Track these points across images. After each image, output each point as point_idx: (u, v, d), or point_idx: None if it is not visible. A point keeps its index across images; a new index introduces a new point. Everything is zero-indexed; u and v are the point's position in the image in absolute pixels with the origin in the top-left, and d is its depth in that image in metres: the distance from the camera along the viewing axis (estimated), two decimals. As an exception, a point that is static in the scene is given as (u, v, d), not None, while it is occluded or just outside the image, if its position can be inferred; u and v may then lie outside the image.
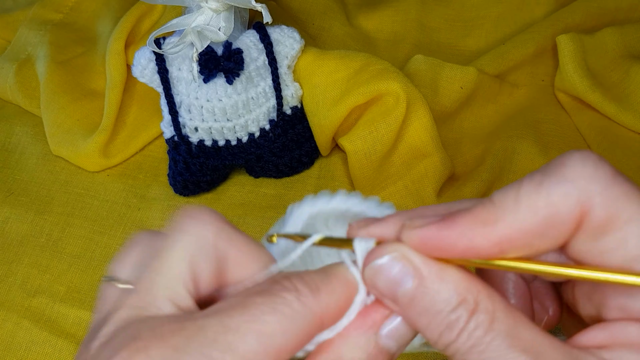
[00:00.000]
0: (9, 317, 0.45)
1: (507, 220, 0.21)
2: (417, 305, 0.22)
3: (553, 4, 0.58)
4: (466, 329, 0.21)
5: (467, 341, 0.21)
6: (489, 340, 0.21)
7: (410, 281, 0.22)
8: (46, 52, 0.56)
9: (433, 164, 0.46)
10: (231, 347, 0.20)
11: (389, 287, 0.22)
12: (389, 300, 0.23)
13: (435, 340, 0.22)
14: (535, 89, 0.54)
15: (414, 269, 0.22)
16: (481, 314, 0.21)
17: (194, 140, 0.47)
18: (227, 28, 0.42)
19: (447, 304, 0.21)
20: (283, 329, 0.20)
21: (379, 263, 0.22)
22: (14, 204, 0.51)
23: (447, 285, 0.22)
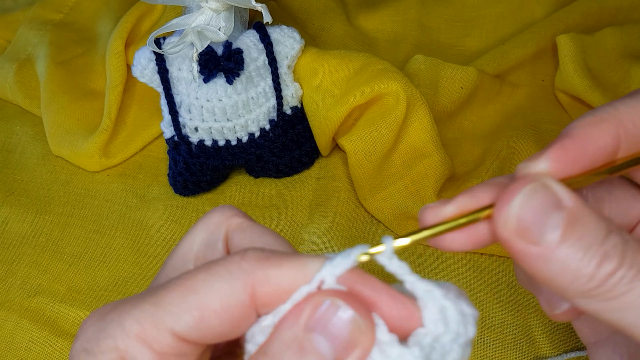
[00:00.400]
0: (9, 317, 0.45)
1: (614, 113, 0.21)
2: (571, 237, 0.20)
3: (553, 3, 0.58)
4: (626, 255, 0.20)
5: (631, 267, 0.20)
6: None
7: (559, 211, 0.20)
8: (46, 52, 0.56)
9: (433, 164, 0.46)
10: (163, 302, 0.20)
11: (533, 223, 0.20)
12: (528, 242, 0.21)
13: (590, 276, 0.20)
14: (535, 89, 0.54)
15: (557, 200, 0.21)
16: (632, 242, 0.20)
17: (194, 140, 0.47)
18: (227, 28, 0.42)
19: (599, 233, 0.20)
20: (214, 290, 0.20)
21: (519, 198, 0.21)
22: (14, 204, 0.51)
23: (591, 214, 0.21)
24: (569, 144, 0.21)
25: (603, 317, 0.21)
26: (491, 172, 0.48)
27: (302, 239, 0.47)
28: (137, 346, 0.20)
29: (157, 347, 0.21)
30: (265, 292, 0.21)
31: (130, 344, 0.20)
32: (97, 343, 0.21)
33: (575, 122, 0.22)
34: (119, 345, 0.20)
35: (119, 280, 0.46)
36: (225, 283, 0.20)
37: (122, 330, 0.20)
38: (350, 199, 0.49)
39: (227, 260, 0.21)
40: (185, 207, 0.50)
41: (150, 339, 0.20)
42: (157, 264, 0.47)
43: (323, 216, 0.48)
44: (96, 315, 0.22)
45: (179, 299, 0.21)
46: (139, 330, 0.20)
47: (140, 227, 0.49)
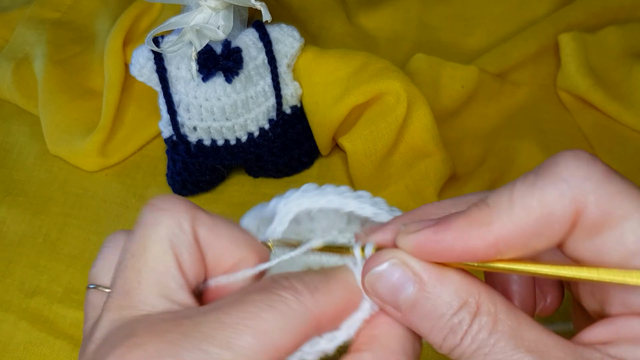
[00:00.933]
0: (7, 317, 0.45)
1: (502, 221, 0.21)
2: (419, 310, 0.22)
3: (555, 2, 0.58)
4: (469, 332, 0.21)
5: (471, 344, 0.21)
6: (493, 342, 0.21)
7: (411, 287, 0.22)
8: (44, 51, 0.56)
9: (434, 163, 0.46)
10: (229, 343, 0.19)
11: (390, 294, 0.22)
12: (391, 308, 0.23)
13: (440, 345, 0.22)
14: (537, 88, 0.54)
15: (414, 274, 0.22)
16: (484, 316, 0.21)
17: (193, 140, 0.47)
18: (226, 26, 0.42)
19: (449, 308, 0.21)
20: (280, 326, 0.20)
21: (379, 270, 0.22)
22: (12, 204, 0.51)
23: (448, 288, 0.22)
24: (443, 233, 0.22)
25: None
26: (492, 171, 0.48)
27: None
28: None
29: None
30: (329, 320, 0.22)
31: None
32: None
33: (461, 215, 0.22)
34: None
35: (117, 280, 0.46)
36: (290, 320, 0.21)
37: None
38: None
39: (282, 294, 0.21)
40: (184, 207, 0.50)
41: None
42: (155, 265, 0.47)
43: (323, 216, 0.47)
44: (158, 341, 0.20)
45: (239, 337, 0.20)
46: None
47: (138, 227, 0.49)
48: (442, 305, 0.21)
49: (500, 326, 0.21)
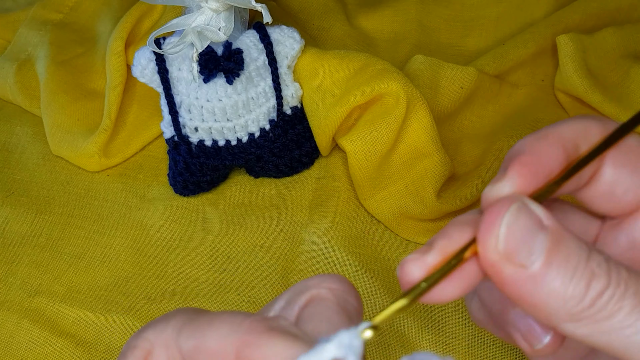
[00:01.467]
0: (9, 317, 0.45)
1: (552, 131, 0.22)
2: (557, 256, 0.20)
3: (553, 4, 0.58)
4: (612, 272, 0.19)
5: (618, 285, 0.19)
6: (635, 280, 0.19)
7: (542, 232, 0.20)
8: (46, 52, 0.56)
9: (433, 164, 0.46)
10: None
11: (524, 240, 0.20)
12: (516, 268, 0.20)
13: (581, 297, 0.19)
14: (535, 89, 0.54)
15: (539, 219, 0.20)
16: (610, 259, 0.20)
17: (194, 140, 0.47)
18: (227, 28, 0.42)
19: (581, 251, 0.20)
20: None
21: (513, 211, 0.20)
22: (14, 204, 0.51)
23: (570, 234, 0.20)
24: (526, 159, 0.21)
25: (592, 341, 0.20)
26: (491, 172, 0.48)
27: (302, 239, 0.47)
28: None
29: None
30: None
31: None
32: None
33: (522, 140, 0.22)
34: None
35: (119, 280, 0.46)
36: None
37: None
38: (350, 199, 0.49)
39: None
40: (185, 207, 0.50)
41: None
42: (157, 264, 0.47)
43: (323, 216, 0.48)
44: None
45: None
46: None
47: (140, 227, 0.49)
48: (575, 251, 0.20)
49: (632, 271, 0.20)
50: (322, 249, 0.46)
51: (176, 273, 0.47)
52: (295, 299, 0.21)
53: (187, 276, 0.46)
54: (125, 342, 0.25)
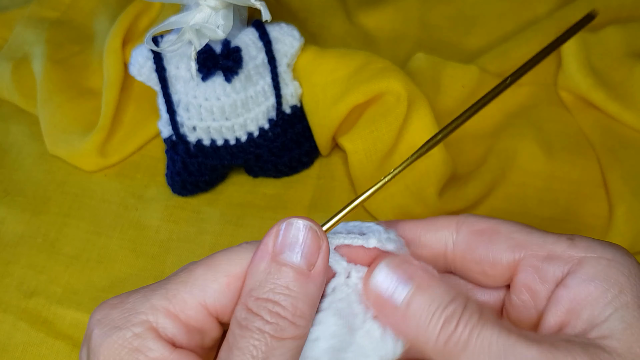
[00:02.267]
0: (6, 318, 0.45)
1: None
2: (416, 307, 0.25)
3: (556, 1, 0.58)
4: (463, 317, 0.24)
5: (465, 328, 0.23)
6: (483, 323, 0.24)
7: (410, 285, 0.25)
8: (43, 51, 0.56)
9: (434, 163, 0.46)
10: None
11: (391, 293, 0.25)
12: (388, 311, 0.25)
13: (435, 339, 0.24)
14: (537, 88, 0.54)
15: (409, 275, 0.25)
16: (472, 304, 0.24)
17: (192, 140, 0.47)
18: (225, 26, 0.42)
19: (442, 300, 0.24)
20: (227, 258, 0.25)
21: (377, 276, 0.26)
22: (10, 204, 0.51)
23: (439, 286, 0.25)
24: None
25: None
26: (493, 171, 0.48)
27: (301, 240, 0.47)
28: (166, 319, 0.23)
29: (185, 319, 0.24)
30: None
31: (160, 317, 0.23)
32: (126, 319, 0.23)
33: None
34: (149, 318, 0.23)
35: (116, 281, 0.46)
36: (243, 254, 0.25)
37: (150, 306, 0.23)
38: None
39: (237, 245, 0.26)
40: (183, 207, 0.50)
41: (179, 312, 0.24)
42: (155, 265, 0.47)
43: (323, 216, 0.47)
44: (113, 301, 0.25)
45: (203, 274, 0.24)
46: (167, 305, 0.23)
47: (137, 227, 0.49)
48: (436, 299, 0.24)
49: (486, 313, 0.24)
50: (322, 249, 0.46)
51: (174, 274, 0.46)
52: None
53: (185, 277, 0.46)
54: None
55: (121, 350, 0.23)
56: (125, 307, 0.24)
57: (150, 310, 0.23)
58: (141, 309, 0.23)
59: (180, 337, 0.24)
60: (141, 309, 0.23)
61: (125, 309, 0.24)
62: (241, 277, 0.24)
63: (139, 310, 0.23)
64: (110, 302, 0.25)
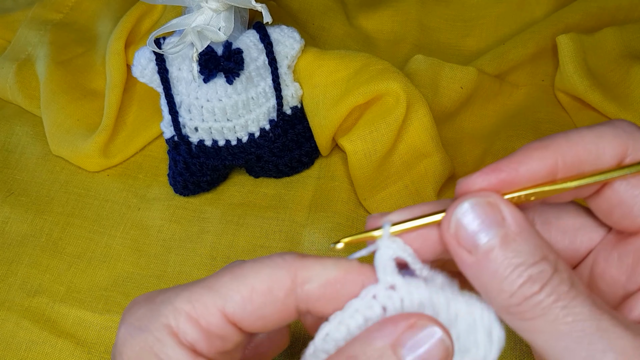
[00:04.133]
0: (9, 317, 0.45)
1: (562, 146, 0.23)
2: (499, 254, 0.22)
3: (553, 3, 0.58)
4: (550, 283, 0.21)
5: (549, 295, 0.21)
6: (573, 296, 0.21)
7: (497, 229, 0.22)
8: (46, 52, 0.56)
9: (433, 164, 0.46)
10: (215, 288, 0.24)
11: (471, 234, 0.22)
12: (465, 249, 0.22)
13: (512, 293, 0.21)
14: (535, 89, 0.54)
15: (500, 217, 0.22)
16: (563, 272, 0.22)
17: (194, 140, 0.47)
18: (227, 28, 0.42)
19: (531, 256, 0.21)
20: (262, 277, 0.23)
21: (464, 208, 0.22)
22: (14, 204, 0.51)
23: (530, 240, 0.22)
24: (503, 165, 0.23)
25: (521, 334, 0.22)
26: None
27: (302, 239, 0.47)
28: (187, 323, 0.23)
29: (205, 325, 0.23)
30: (305, 278, 0.23)
31: (181, 321, 0.23)
32: (150, 321, 0.23)
33: (524, 146, 0.24)
34: (171, 322, 0.23)
35: (119, 280, 0.46)
36: (271, 269, 0.23)
37: (173, 309, 0.23)
38: (350, 199, 0.49)
39: (271, 255, 0.24)
40: (185, 207, 0.50)
41: (200, 317, 0.23)
42: (157, 264, 0.47)
43: (323, 216, 0.48)
44: (143, 298, 0.24)
45: (229, 282, 0.23)
46: (190, 309, 0.23)
47: (140, 227, 0.49)
48: (524, 254, 0.21)
49: (578, 285, 0.21)
50: (322, 249, 0.46)
51: (176, 273, 0.47)
52: None
53: (187, 276, 0.46)
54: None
55: (142, 352, 0.23)
56: (151, 307, 0.24)
57: (173, 314, 0.23)
58: (164, 312, 0.23)
59: (200, 343, 0.23)
60: (164, 311, 0.23)
61: (150, 308, 0.23)
62: (265, 293, 0.23)
63: (162, 312, 0.23)
64: (140, 300, 0.24)
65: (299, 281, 0.24)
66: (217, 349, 0.24)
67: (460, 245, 0.22)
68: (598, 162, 0.23)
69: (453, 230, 0.22)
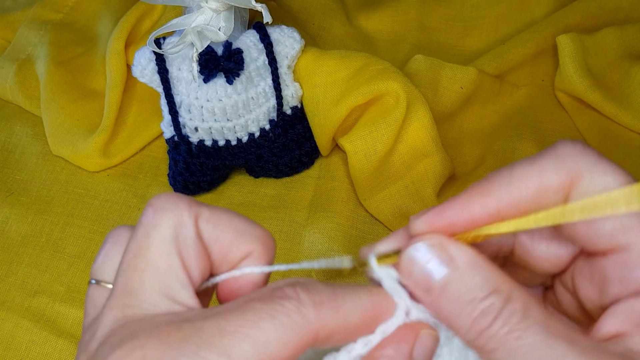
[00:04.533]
0: (9, 317, 0.45)
1: (502, 190, 0.22)
2: (451, 292, 0.22)
3: (553, 3, 0.58)
4: (501, 315, 0.21)
5: (502, 327, 0.21)
6: (525, 326, 0.21)
7: (445, 268, 0.22)
8: (46, 52, 0.56)
9: (433, 164, 0.46)
10: (227, 351, 0.20)
11: (424, 275, 0.23)
12: (422, 290, 0.23)
13: (468, 328, 0.22)
14: (535, 89, 0.54)
15: (448, 257, 0.23)
16: (515, 302, 0.22)
17: (194, 140, 0.47)
18: (227, 28, 0.42)
19: (480, 291, 0.22)
20: (278, 338, 0.20)
21: (415, 251, 0.23)
22: (14, 204, 0.51)
23: (479, 273, 0.22)
24: (447, 209, 0.23)
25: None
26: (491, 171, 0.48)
27: (302, 239, 0.47)
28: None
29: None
30: (327, 335, 0.22)
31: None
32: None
33: (468, 188, 0.24)
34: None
35: (119, 280, 0.46)
36: (290, 332, 0.21)
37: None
38: (350, 199, 0.49)
39: (285, 305, 0.21)
40: (185, 207, 0.50)
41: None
42: (157, 264, 0.47)
43: (323, 216, 0.48)
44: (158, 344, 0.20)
45: (234, 342, 0.20)
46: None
47: (140, 227, 0.49)
48: (474, 289, 0.22)
49: (532, 313, 0.21)
50: (322, 249, 0.46)
51: (176, 273, 0.47)
52: None
53: (187, 276, 0.46)
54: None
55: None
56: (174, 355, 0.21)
57: None
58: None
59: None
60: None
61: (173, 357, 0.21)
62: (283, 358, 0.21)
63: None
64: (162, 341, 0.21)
65: (320, 337, 0.22)
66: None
67: (417, 286, 0.23)
68: (544, 199, 0.22)
69: (407, 273, 0.23)
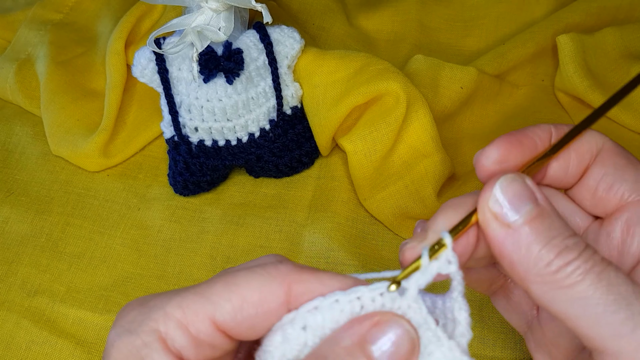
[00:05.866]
0: (9, 317, 0.45)
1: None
2: (535, 226, 0.23)
3: (553, 3, 0.58)
4: (585, 252, 0.22)
5: (586, 261, 0.22)
6: (607, 264, 0.22)
7: (531, 203, 0.23)
8: (46, 52, 0.56)
9: (433, 164, 0.46)
10: (202, 292, 0.23)
11: (506, 209, 0.23)
12: (499, 226, 0.23)
13: (549, 261, 0.22)
14: (535, 89, 0.54)
15: (531, 194, 0.24)
16: (590, 246, 0.23)
17: (194, 140, 0.47)
18: (227, 28, 0.42)
19: (564, 229, 0.23)
20: (253, 285, 0.23)
21: (499, 185, 0.24)
22: (14, 203, 0.51)
23: (560, 217, 0.23)
24: (511, 133, 0.26)
25: (553, 307, 0.23)
26: (491, 172, 0.48)
27: (302, 239, 0.47)
28: (176, 329, 0.23)
29: (195, 332, 0.23)
30: (299, 292, 0.23)
31: (171, 327, 0.23)
32: (139, 324, 0.23)
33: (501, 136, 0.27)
34: (160, 327, 0.23)
35: (119, 280, 0.46)
36: (264, 280, 0.23)
37: (164, 314, 0.23)
38: (350, 199, 0.49)
39: (266, 264, 0.24)
40: (185, 207, 0.50)
41: (190, 324, 0.23)
42: (157, 264, 0.47)
43: (323, 216, 0.48)
44: (137, 302, 0.24)
45: (221, 290, 0.23)
46: (180, 315, 0.23)
47: (140, 227, 0.49)
48: (560, 227, 0.23)
49: (607, 259, 0.23)
50: (322, 249, 0.46)
51: (176, 273, 0.47)
52: None
53: (187, 276, 0.46)
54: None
55: (129, 355, 0.22)
56: (142, 311, 0.23)
57: (163, 319, 0.23)
58: (155, 316, 0.23)
59: (188, 351, 0.23)
60: (155, 315, 0.23)
61: (142, 312, 0.23)
62: (256, 304, 0.23)
63: (153, 316, 0.23)
64: (134, 303, 0.24)
65: (294, 294, 0.23)
66: (205, 356, 0.24)
67: (496, 220, 0.23)
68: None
69: (492, 206, 0.23)
